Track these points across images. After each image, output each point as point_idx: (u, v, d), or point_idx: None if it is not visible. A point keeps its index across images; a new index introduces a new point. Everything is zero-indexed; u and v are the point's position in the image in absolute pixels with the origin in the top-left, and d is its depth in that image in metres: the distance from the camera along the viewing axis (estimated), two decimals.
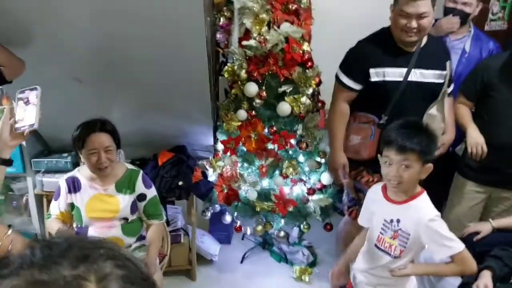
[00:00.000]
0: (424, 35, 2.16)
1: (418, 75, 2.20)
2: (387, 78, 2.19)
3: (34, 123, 1.43)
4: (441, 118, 2.25)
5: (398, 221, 1.75)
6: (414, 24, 2.07)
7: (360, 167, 2.39)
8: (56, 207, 2.21)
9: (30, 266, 0.56)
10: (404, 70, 2.18)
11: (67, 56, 2.23)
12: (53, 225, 2.17)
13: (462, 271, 1.74)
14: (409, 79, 2.19)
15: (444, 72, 2.24)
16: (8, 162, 1.48)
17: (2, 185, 2.83)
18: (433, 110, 2.23)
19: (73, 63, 2.29)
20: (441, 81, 2.24)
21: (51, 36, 2.11)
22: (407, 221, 1.73)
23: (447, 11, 2.61)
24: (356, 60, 2.26)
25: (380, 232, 1.81)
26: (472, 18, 2.67)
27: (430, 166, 1.70)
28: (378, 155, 1.78)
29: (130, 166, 2.32)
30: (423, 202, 1.74)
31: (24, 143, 2.68)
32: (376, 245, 1.84)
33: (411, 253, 1.77)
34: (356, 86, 2.27)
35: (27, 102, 1.45)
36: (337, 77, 2.33)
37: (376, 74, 2.20)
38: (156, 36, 2.11)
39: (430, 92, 2.24)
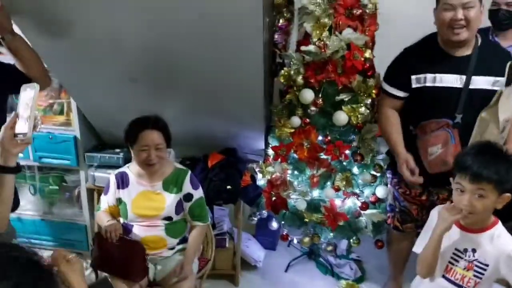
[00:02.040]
0: (472, 33, 2.03)
1: (476, 81, 2.07)
2: (428, 84, 2.11)
3: (27, 132, 1.31)
4: (495, 124, 2.03)
5: (474, 251, 1.63)
6: (460, 15, 1.97)
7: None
8: (105, 202, 2.25)
9: None
10: (451, 76, 2.08)
11: (123, 56, 2.23)
12: (102, 217, 2.21)
13: None
14: (458, 85, 2.08)
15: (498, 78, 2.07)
16: (15, 170, 1.39)
17: (56, 177, 2.95)
18: (485, 115, 2.04)
19: (130, 64, 2.28)
20: (497, 88, 2.07)
21: (110, 37, 2.11)
22: (486, 251, 1.60)
23: (492, 14, 2.48)
24: (397, 67, 2.23)
25: (450, 262, 1.68)
26: None
27: (508, 196, 1.55)
28: (450, 179, 1.65)
29: (179, 166, 2.32)
30: (503, 231, 1.62)
31: (79, 136, 2.77)
32: (444, 277, 1.70)
33: (485, 286, 1.64)
34: (399, 93, 2.21)
35: (26, 106, 1.34)
36: (381, 89, 2.32)
37: (417, 81, 2.14)
38: (213, 38, 2.06)
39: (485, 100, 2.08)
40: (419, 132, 2.17)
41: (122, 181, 2.21)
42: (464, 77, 2.06)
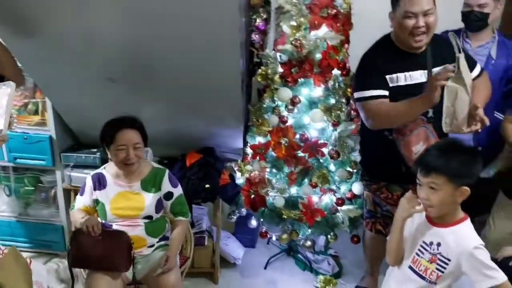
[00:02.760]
0: (430, 37, 2.10)
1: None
2: (401, 83, 2.15)
3: (2, 129, 1.33)
4: (464, 90, 2.03)
5: (438, 244, 1.68)
6: (422, 22, 2.03)
7: (381, 182, 2.36)
8: (81, 202, 2.23)
9: None
10: (414, 72, 2.13)
11: (100, 55, 2.22)
12: (76, 215, 2.19)
13: None
14: (423, 80, 2.13)
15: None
16: None
17: (32, 177, 2.91)
18: (451, 83, 2.03)
19: (106, 63, 2.27)
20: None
21: (86, 36, 2.10)
22: (449, 246, 1.65)
23: (464, 16, 2.51)
24: (370, 72, 2.18)
25: (417, 253, 1.74)
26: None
27: (465, 189, 1.60)
28: None
29: (156, 165, 2.32)
30: (468, 228, 1.67)
31: (54, 136, 2.74)
32: (410, 267, 1.76)
33: (447, 281, 1.69)
34: (383, 92, 2.14)
35: (2, 103, 1.36)
36: (361, 99, 2.18)
37: (390, 80, 2.15)
38: (190, 38, 2.07)
39: None
40: (398, 136, 2.16)
41: (99, 183, 2.20)
42: (426, 71, 2.14)
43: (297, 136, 2.58)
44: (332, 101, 2.53)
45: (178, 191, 2.28)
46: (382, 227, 2.45)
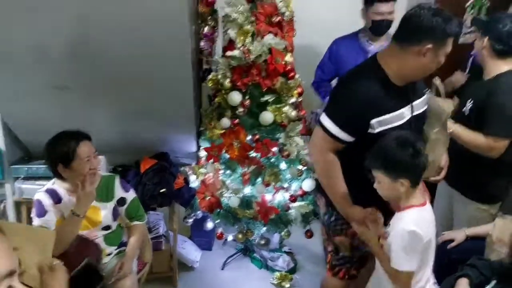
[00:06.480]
0: None
1: (416, 106, 1.95)
2: (393, 125, 1.85)
3: None
4: (443, 144, 2.05)
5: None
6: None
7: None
8: (52, 218, 2.10)
9: None
10: (403, 109, 1.88)
11: (49, 64, 2.23)
12: (60, 226, 2.08)
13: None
14: (409, 115, 1.92)
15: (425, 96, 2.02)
16: None
17: None
18: (436, 136, 2.01)
19: (57, 71, 2.29)
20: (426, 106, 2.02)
21: (34, 45, 2.11)
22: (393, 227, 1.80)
23: (377, 23, 2.69)
24: (355, 113, 1.83)
25: None
26: None
27: (405, 181, 1.68)
28: None
29: (105, 173, 2.34)
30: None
31: (4, 148, 2.69)
32: None
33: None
34: (348, 138, 1.86)
35: None
36: (321, 123, 1.89)
37: (379, 124, 1.83)
38: (141, 43, 2.14)
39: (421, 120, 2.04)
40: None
41: (57, 197, 2.14)
42: (410, 105, 1.91)
43: (249, 137, 2.68)
44: (280, 103, 2.66)
45: (131, 195, 2.31)
46: (356, 270, 2.15)
